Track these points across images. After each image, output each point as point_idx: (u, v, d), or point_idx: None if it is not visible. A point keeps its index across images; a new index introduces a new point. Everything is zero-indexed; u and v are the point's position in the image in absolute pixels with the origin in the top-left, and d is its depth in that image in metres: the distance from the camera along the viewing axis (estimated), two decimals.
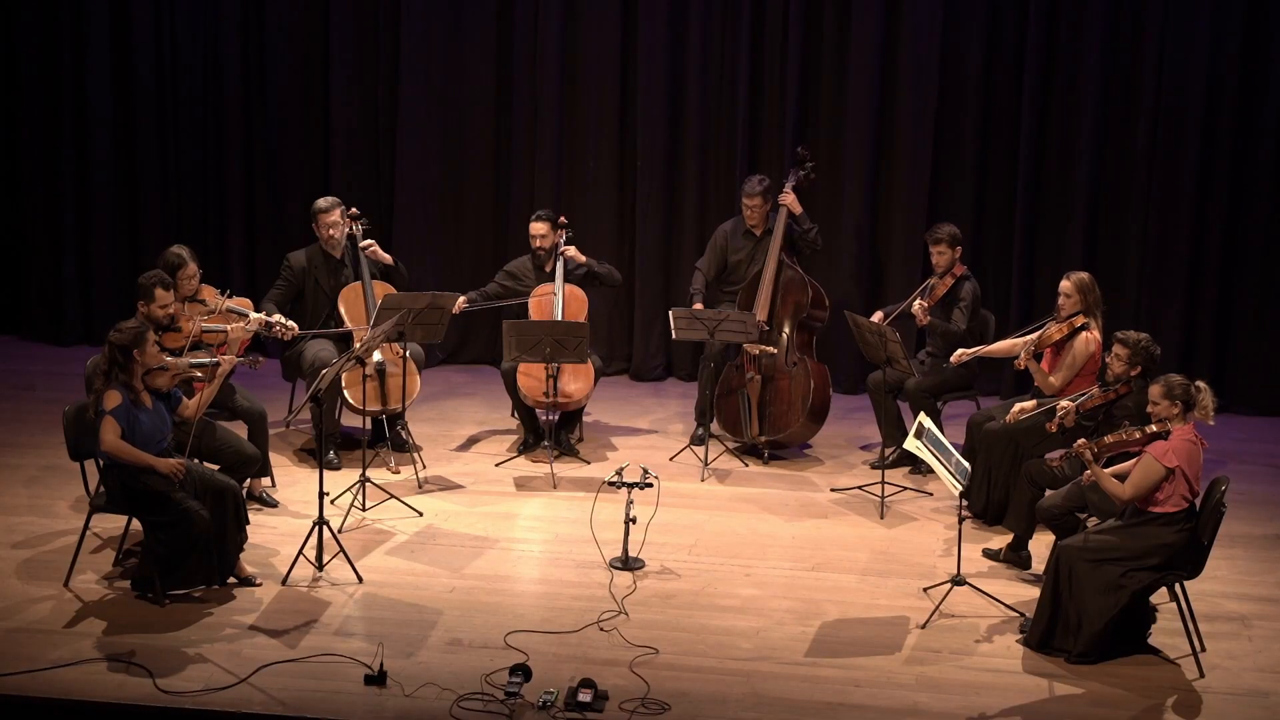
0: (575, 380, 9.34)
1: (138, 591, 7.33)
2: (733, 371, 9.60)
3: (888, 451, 9.16)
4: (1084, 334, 8.19)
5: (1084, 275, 8.31)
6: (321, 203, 9.39)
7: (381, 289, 9.27)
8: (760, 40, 10.78)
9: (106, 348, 7.20)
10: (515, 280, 9.69)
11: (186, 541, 7.17)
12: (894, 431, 9.18)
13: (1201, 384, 7.00)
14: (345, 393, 9.04)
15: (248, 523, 7.58)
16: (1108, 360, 7.72)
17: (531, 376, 9.27)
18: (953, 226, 9.22)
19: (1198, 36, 10.27)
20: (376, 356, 9.04)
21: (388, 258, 9.49)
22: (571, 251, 9.56)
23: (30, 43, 11.41)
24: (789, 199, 9.56)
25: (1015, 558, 7.92)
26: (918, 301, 9.08)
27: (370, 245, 9.40)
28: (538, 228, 9.63)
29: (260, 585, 7.48)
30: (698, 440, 9.54)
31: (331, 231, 9.31)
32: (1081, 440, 7.13)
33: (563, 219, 9.71)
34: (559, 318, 9.29)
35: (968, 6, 10.51)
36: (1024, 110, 10.49)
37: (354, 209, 9.49)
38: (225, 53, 11.30)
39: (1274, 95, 10.31)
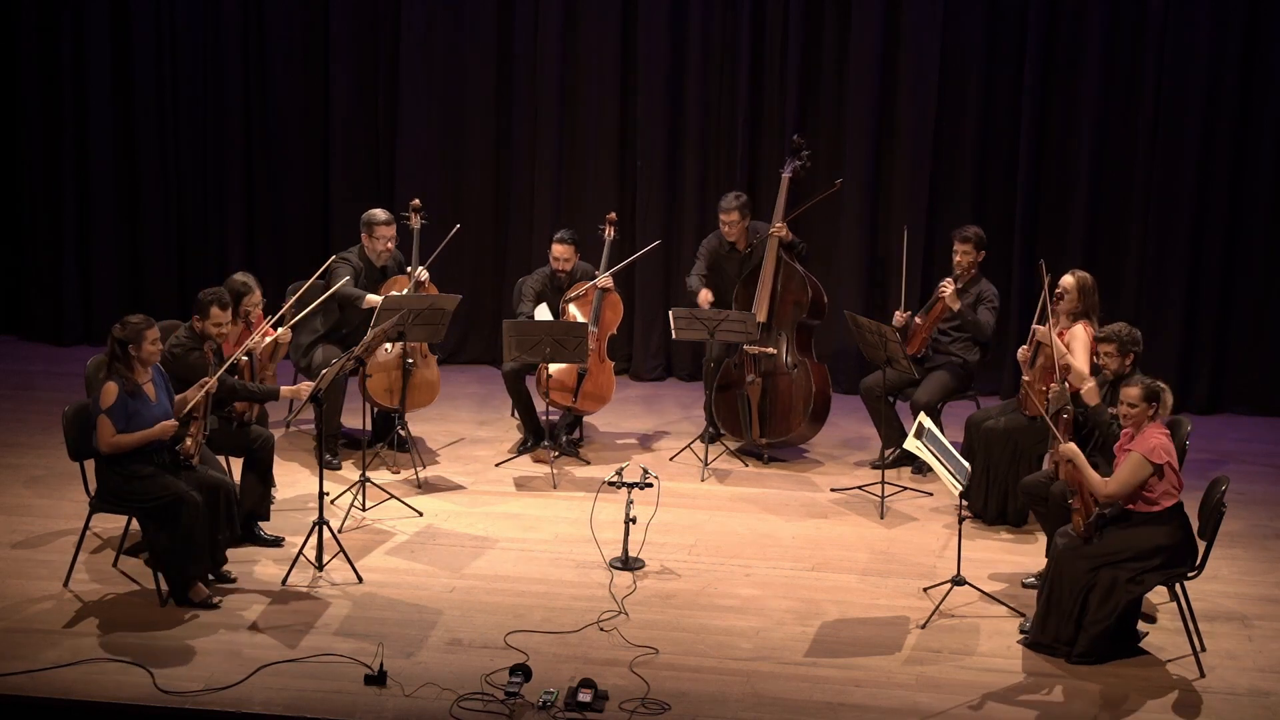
0: (597, 387, 9.30)
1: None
2: (731, 370, 9.57)
3: (887, 452, 9.15)
4: (1078, 329, 8.13)
5: (1087, 276, 8.24)
6: (380, 214, 9.24)
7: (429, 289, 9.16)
8: (760, 41, 10.78)
9: (108, 340, 7.23)
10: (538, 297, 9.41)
11: (182, 530, 7.13)
12: (893, 432, 9.17)
13: (1163, 384, 6.99)
14: (367, 380, 8.95)
15: (239, 520, 7.63)
16: (1099, 363, 7.65)
17: (555, 378, 9.16)
18: (979, 229, 9.19)
19: (1198, 36, 10.28)
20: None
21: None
22: (606, 282, 9.37)
23: (30, 42, 11.41)
24: (781, 231, 9.37)
25: None
26: (947, 280, 9.00)
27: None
28: (561, 250, 9.31)
29: (235, 581, 7.46)
30: (709, 438, 9.44)
31: (389, 245, 9.24)
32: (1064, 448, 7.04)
33: (612, 215, 9.57)
34: (592, 321, 9.22)
35: (968, 6, 10.51)
36: (1024, 110, 10.49)
37: (415, 200, 9.46)
38: (225, 53, 11.30)
39: (1274, 95, 10.31)
